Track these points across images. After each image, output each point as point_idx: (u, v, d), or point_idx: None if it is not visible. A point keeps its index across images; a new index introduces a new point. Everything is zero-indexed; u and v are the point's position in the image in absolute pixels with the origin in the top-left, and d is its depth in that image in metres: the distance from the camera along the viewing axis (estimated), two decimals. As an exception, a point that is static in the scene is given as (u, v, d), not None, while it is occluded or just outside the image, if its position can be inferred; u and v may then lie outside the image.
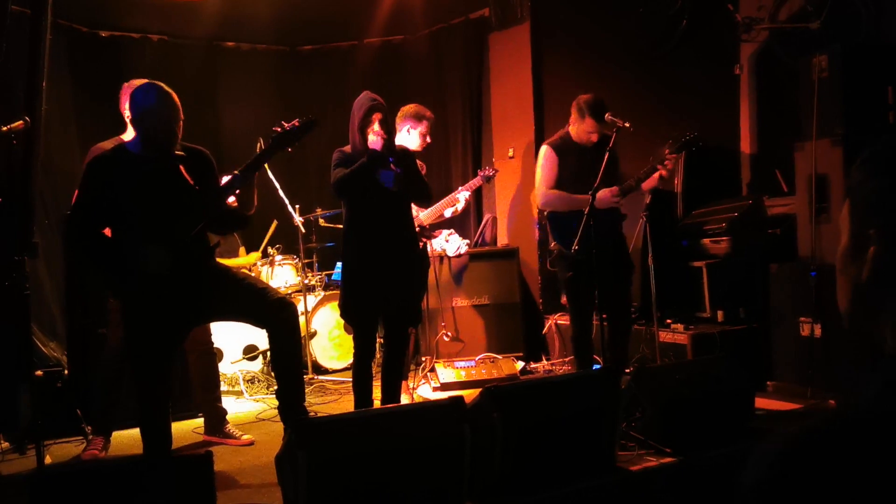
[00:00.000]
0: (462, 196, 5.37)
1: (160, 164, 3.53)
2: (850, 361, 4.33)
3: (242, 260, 6.43)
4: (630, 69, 6.09)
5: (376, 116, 4.02)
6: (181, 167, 3.57)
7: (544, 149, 4.80)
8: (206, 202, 3.57)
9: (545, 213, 4.90)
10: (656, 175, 4.63)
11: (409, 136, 4.94)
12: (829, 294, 4.48)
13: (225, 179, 3.64)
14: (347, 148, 4.12)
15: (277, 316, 3.75)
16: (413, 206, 4.80)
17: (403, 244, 4.21)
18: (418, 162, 5.14)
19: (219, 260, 3.92)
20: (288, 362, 3.84)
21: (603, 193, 4.55)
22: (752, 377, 4.19)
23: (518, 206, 6.58)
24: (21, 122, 3.67)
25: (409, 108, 5.02)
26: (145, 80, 3.95)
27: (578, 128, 4.70)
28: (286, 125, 3.61)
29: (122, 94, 4.24)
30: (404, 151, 4.32)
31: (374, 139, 3.98)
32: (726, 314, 5.22)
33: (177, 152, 3.57)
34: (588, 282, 4.55)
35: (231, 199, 3.69)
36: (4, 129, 3.65)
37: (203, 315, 3.85)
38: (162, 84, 3.52)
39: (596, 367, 4.79)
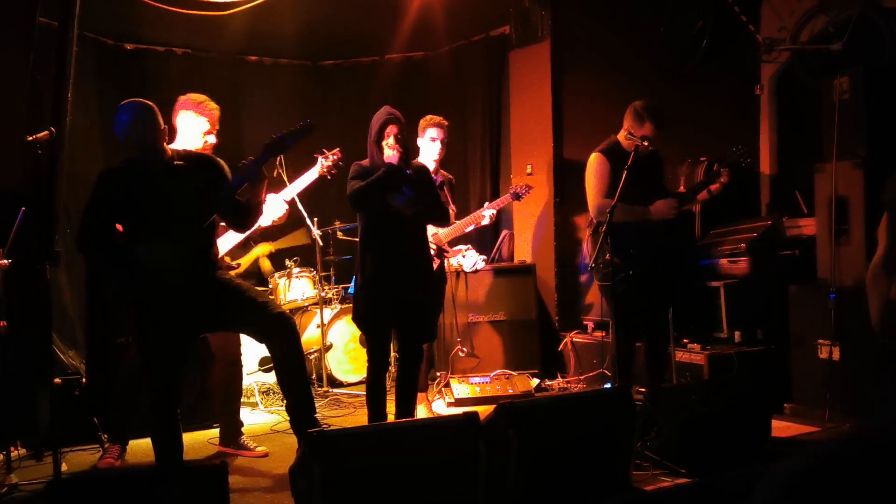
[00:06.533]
0: (488, 213, 5.27)
1: (160, 171, 3.61)
2: (869, 384, 4.30)
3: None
4: (650, 88, 6.07)
5: (391, 129, 4.02)
6: (183, 173, 3.64)
7: (595, 156, 4.58)
8: (210, 203, 3.63)
9: (594, 223, 4.65)
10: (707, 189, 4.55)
11: (432, 145, 4.95)
12: (849, 316, 4.45)
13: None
14: (366, 161, 4.14)
15: (277, 330, 3.79)
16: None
17: (417, 257, 4.22)
18: (445, 173, 5.14)
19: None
20: (293, 376, 3.86)
21: (660, 204, 4.48)
22: (770, 399, 4.16)
23: (535, 223, 6.58)
24: (46, 132, 3.72)
25: (422, 120, 5.05)
26: (202, 96, 4.27)
27: (635, 134, 4.46)
28: (283, 131, 3.66)
29: (177, 105, 4.35)
30: (422, 168, 4.34)
31: (390, 153, 4.01)
32: (744, 335, 5.19)
33: (177, 162, 3.65)
34: (639, 298, 4.46)
35: None
36: (30, 138, 3.71)
37: (208, 324, 3.88)
38: (141, 100, 3.61)
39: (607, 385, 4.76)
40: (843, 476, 0.82)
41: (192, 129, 4.31)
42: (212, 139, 4.38)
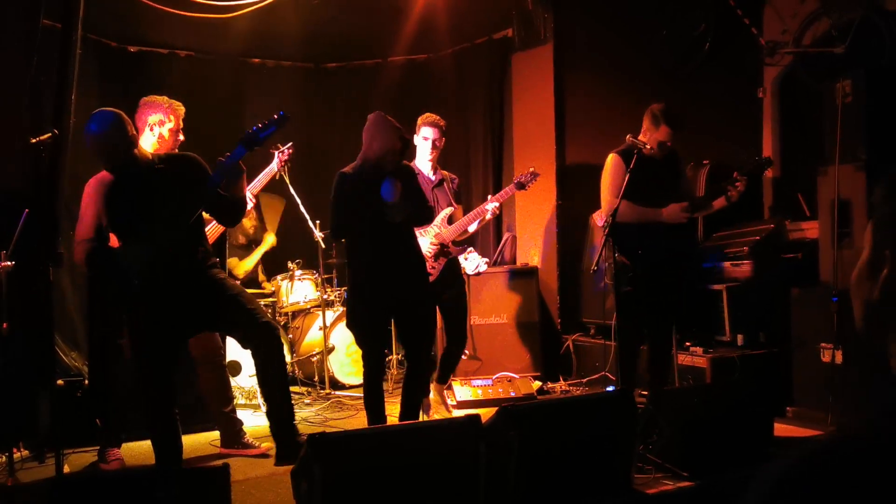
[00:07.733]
0: (491, 207, 5.02)
1: (143, 175, 3.64)
2: (869, 387, 4.29)
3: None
4: (653, 91, 6.07)
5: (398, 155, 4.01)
6: (166, 175, 3.67)
7: (612, 157, 4.61)
8: (195, 201, 3.65)
9: (606, 224, 4.58)
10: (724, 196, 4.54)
11: (424, 144, 4.89)
12: (851, 320, 4.44)
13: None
14: (348, 168, 4.06)
15: (263, 339, 3.83)
16: (436, 221, 4.79)
17: (407, 259, 4.19)
18: (445, 173, 5.08)
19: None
20: (274, 385, 3.92)
21: (673, 207, 4.49)
22: (772, 402, 4.15)
23: (538, 225, 6.57)
24: (49, 134, 3.73)
25: (420, 117, 4.96)
26: (163, 97, 4.24)
27: (651, 137, 4.49)
28: (258, 125, 3.67)
29: (143, 108, 4.34)
30: (406, 169, 4.24)
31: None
32: (746, 338, 5.18)
33: (158, 165, 3.69)
34: (646, 299, 4.46)
35: None
36: (33, 140, 3.72)
37: (201, 323, 3.91)
38: (109, 110, 3.62)
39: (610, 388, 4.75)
40: (831, 476, 0.82)
41: (164, 130, 4.33)
42: (181, 136, 4.42)
